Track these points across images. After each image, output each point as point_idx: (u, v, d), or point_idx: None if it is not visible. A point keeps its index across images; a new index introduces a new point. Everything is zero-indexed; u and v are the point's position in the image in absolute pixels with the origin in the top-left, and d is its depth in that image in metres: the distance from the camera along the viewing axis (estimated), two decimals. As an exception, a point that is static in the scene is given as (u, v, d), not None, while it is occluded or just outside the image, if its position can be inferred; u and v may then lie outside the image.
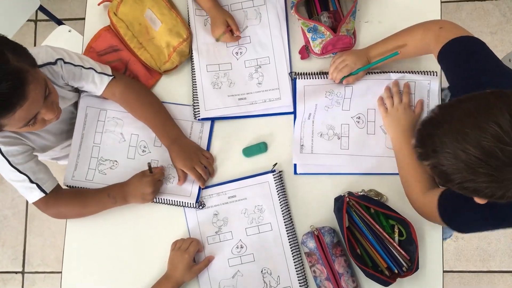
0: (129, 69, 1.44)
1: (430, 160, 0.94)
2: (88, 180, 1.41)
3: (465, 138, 0.86)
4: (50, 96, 1.16)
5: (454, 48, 1.15)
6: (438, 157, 0.90)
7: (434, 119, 0.94)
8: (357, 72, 1.32)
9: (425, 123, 0.97)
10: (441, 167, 0.91)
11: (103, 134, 1.43)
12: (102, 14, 1.49)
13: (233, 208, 1.37)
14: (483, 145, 0.84)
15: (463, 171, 0.87)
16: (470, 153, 0.85)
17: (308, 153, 1.38)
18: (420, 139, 0.96)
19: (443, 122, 0.91)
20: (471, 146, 0.85)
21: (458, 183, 0.90)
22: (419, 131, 0.97)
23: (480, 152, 0.84)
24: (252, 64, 1.43)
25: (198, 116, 1.41)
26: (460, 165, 0.87)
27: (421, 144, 0.96)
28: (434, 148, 0.91)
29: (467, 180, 0.88)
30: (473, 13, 2.35)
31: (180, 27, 1.40)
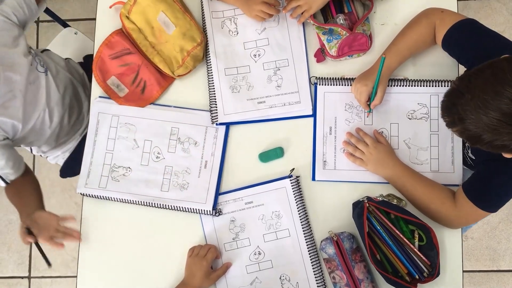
0: (141, 73, 1.41)
1: (457, 126, 1.01)
2: (102, 188, 1.38)
3: (485, 104, 0.94)
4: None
5: (461, 30, 1.24)
6: (464, 123, 0.98)
7: (455, 90, 1.01)
8: (375, 92, 1.30)
9: (448, 94, 1.03)
10: (468, 132, 0.99)
11: (116, 140, 1.40)
12: (114, 16, 1.45)
13: (250, 214, 1.36)
14: (502, 108, 0.93)
15: (488, 132, 0.96)
16: (491, 116, 0.94)
17: (331, 169, 1.36)
18: (446, 109, 1.04)
19: (464, 92, 0.98)
20: (491, 110, 0.94)
21: (486, 142, 0.98)
22: (444, 102, 1.04)
23: (500, 114, 0.93)
24: (271, 67, 1.41)
25: (216, 120, 1.38)
26: (484, 128, 0.96)
27: (447, 113, 1.03)
28: (459, 116, 0.99)
29: (493, 139, 0.97)
30: (480, 11, 2.33)
31: (194, 31, 1.38)
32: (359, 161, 1.34)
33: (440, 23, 1.28)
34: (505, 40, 1.19)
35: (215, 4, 1.45)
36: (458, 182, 1.34)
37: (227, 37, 1.43)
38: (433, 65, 1.38)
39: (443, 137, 1.35)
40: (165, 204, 1.37)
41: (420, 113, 1.36)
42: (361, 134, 1.35)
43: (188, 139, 1.40)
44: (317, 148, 1.37)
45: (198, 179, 1.38)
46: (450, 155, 1.34)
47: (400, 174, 1.31)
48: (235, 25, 1.44)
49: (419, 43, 1.32)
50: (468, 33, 1.23)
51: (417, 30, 1.31)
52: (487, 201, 1.21)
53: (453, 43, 1.26)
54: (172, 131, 1.40)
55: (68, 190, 2.31)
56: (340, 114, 1.38)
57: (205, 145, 1.39)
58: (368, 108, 1.35)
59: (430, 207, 1.28)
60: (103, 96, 1.43)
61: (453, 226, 1.30)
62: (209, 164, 1.38)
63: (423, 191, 1.29)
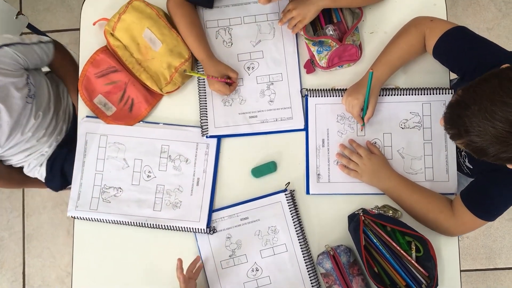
0: (128, 90, 1.38)
1: (463, 139, 0.97)
2: (93, 210, 1.36)
3: (492, 115, 0.91)
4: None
5: (452, 38, 1.22)
6: (470, 135, 0.95)
7: (460, 101, 0.97)
8: (366, 105, 1.28)
9: (452, 106, 1.00)
10: (475, 144, 0.96)
11: (105, 160, 1.38)
12: (98, 33, 1.42)
13: (246, 230, 1.34)
14: (511, 119, 0.90)
15: (496, 145, 0.93)
16: (499, 128, 0.91)
17: (325, 182, 1.34)
18: (450, 121, 1.00)
19: (470, 103, 0.94)
20: (499, 121, 0.90)
21: (493, 155, 0.95)
22: (448, 114, 1.00)
23: (509, 126, 0.90)
24: (264, 81, 1.38)
25: (206, 133, 1.36)
26: (492, 140, 0.92)
27: (452, 125, 0.99)
28: (465, 128, 0.95)
29: (501, 152, 0.93)
30: (469, 8, 2.32)
31: (182, 47, 1.35)
32: (353, 173, 1.32)
33: (430, 32, 1.26)
34: (496, 46, 1.18)
35: (209, 13, 1.42)
36: (454, 190, 1.33)
37: (221, 48, 1.40)
38: (424, 73, 1.37)
39: (436, 146, 1.33)
40: (158, 224, 1.34)
41: (413, 122, 1.35)
42: (355, 146, 1.34)
43: (179, 157, 1.37)
44: (310, 161, 1.36)
45: (190, 197, 1.36)
46: (444, 164, 1.33)
47: (395, 185, 1.30)
48: (230, 36, 1.41)
49: (409, 53, 1.30)
50: (459, 41, 1.22)
51: (407, 40, 1.29)
52: (486, 211, 1.20)
53: (444, 52, 1.25)
54: (163, 148, 1.38)
55: (60, 205, 2.28)
56: (332, 125, 1.36)
57: (196, 162, 1.37)
58: (362, 122, 1.33)
59: (428, 217, 1.27)
60: (90, 115, 1.40)
61: (451, 235, 1.30)
62: (201, 181, 1.36)
63: (420, 201, 1.28)
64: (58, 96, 1.60)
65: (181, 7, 1.34)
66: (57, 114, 1.57)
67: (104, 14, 1.42)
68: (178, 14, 1.34)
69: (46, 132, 1.53)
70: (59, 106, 1.59)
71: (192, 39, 1.34)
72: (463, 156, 1.31)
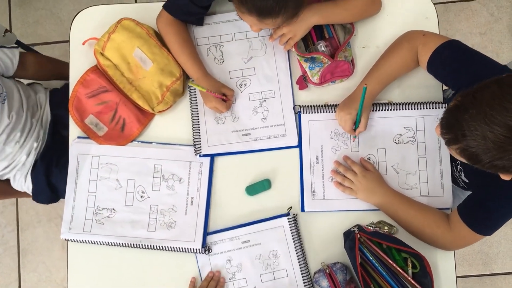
0: (119, 110, 1.36)
1: (459, 144, 0.97)
2: (86, 232, 1.34)
3: (491, 119, 0.90)
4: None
5: (446, 53, 1.21)
6: (467, 140, 0.94)
7: (459, 106, 0.97)
8: (359, 119, 1.28)
9: (450, 110, 0.99)
10: (471, 149, 0.94)
11: (98, 181, 1.36)
12: (88, 52, 1.41)
13: (247, 254, 1.33)
14: (510, 124, 0.89)
15: (493, 150, 0.91)
16: (498, 133, 0.89)
17: (320, 199, 1.34)
18: (447, 125, 0.99)
19: (469, 107, 0.94)
20: (498, 126, 0.89)
21: (488, 162, 0.94)
22: (445, 119, 1.00)
23: (507, 131, 0.89)
24: (257, 98, 1.37)
25: (199, 152, 1.35)
26: (489, 145, 0.91)
27: (449, 130, 0.99)
28: (462, 132, 0.94)
29: (496, 159, 0.92)
30: (461, 14, 2.31)
31: (173, 66, 1.33)
32: (348, 190, 1.32)
33: (423, 47, 1.25)
34: (490, 60, 1.18)
35: (200, 30, 1.40)
36: (449, 205, 1.33)
37: (213, 65, 1.39)
38: (417, 87, 1.36)
39: (431, 161, 1.33)
40: (153, 245, 1.33)
41: (407, 137, 1.34)
42: (349, 163, 1.33)
43: (172, 176, 1.36)
44: (305, 178, 1.35)
45: (185, 216, 1.35)
46: (439, 179, 1.33)
47: (391, 201, 1.29)
48: (221, 53, 1.40)
49: (401, 68, 1.30)
50: (453, 55, 1.21)
51: (399, 55, 1.29)
52: (483, 225, 1.20)
53: (439, 67, 1.24)
54: (156, 168, 1.37)
55: (54, 218, 2.27)
56: (326, 142, 1.36)
57: (190, 181, 1.36)
58: (354, 134, 1.32)
59: (424, 232, 1.27)
60: (81, 136, 1.38)
61: (448, 249, 1.30)
62: (196, 200, 1.35)
63: (417, 216, 1.27)
64: (33, 103, 1.59)
65: (172, 25, 1.32)
66: (32, 117, 1.55)
67: (93, 33, 1.40)
68: (169, 33, 1.32)
69: (22, 135, 1.50)
70: (35, 111, 1.58)
71: (185, 58, 1.32)
72: (459, 170, 1.31)
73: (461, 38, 2.26)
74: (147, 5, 1.44)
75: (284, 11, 1.10)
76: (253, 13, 1.11)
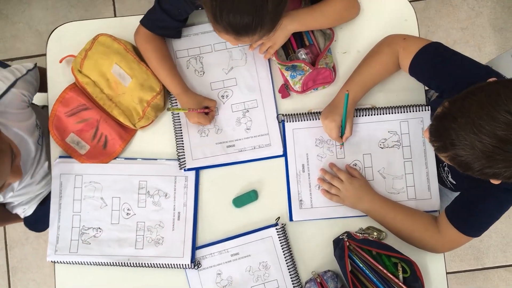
0: (100, 127, 1.34)
1: (448, 152, 0.96)
2: (73, 253, 1.32)
3: (480, 129, 0.89)
4: (15, 160, 1.08)
5: (427, 57, 1.21)
6: (455, 149, 0.93)
7: (447, 114, 0.96)
8: (344, 126, 1.27)
9: (439, 118, 0.98)
10: (460, 158, 0.94)
11: (82, 201, 1.34)
12: (66, 69, 1.38)
13: (237, 266, 1.32)
14: (498, 134, 0.88)
15: (482, 159, 0.91)
16: (487, 142, 0.89)
17: (308, 208, 1.33)
18: (436, 133, 0.98)
19: (457, 116, 0.93)
20: (487, 136, 0.89)
21: (478, 170, 0.94)
22: (434, 126, 0.99)
23: (496, 141, 0.88)
24: (240, 108, 1.36)
25: (184, 166, 1.33)
26: (478, 154, 0.91)
27: (438, 138, 0.98)
28: (451, 141, 0.93)
29: (486, 167, 0.92)
30: (442, 10, 2.31)
31: (152, 81, 1.31)
32: (335, 198, 1.31)
33: (403, 51, 1.25)
34: (471, 61, 1.17)
35: (179, 43, 1.38)
36: (437, 208, 1.32)
37: (193, 77, 1.37)
38: (400, 91, 1.36)
39: (417, 164, 1.33)
40: (141, 263, 1.32)
41: (392, 141, 1.34)
42: (335, 170, 1.32)
43: (157, 192, 1.35)
44: (292, 187, 1.34)
45: (172, 232, 1.33)
46: (425, 181, 1.32)
47: (378, 207, 1.28)
48: (201, 64, 1.38)
49: (382, 72, 1.29)
50: (435, 58, 1.21)
51: (380, 60, 1.28)
52: (471, 227, 1.20)
53: (421, 70, 1.24)
54: (140, 184, 1.35)
55: (43, 235, 2.23)
56: (312, 150, 1.35)
57: (176, 196, 1.34)
58: (341, 141, 1.31)
59: (413, 236, 1.27)
60: (63, 156, 1.36)
61: (438, 252, 1.29)
62: (182, 215, 1.34)
63: (405, 221, 1.27)
64: None
65: (150, 41, 1.30)
66: None
67: (70, 49, 1.37)
68: (147, 49, 1.30)
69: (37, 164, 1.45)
70: None
71: (164, 74, 1.30)
72: (446, 172, 1.30)
73: (443, 34, 2.27)
74: (125, 19, 1.41)
75: (261, 28, 1.08)
76: (229, 32, 1.09)
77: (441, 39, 2.25)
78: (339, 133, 1.29)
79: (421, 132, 1.31)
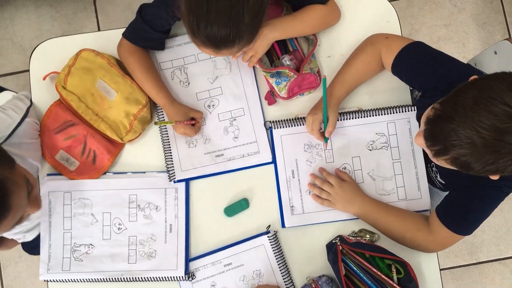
0: (88, 143, 1.33)
1: (449, 154, 0.94)
2: (65, 271, 1.31)
3: (480, 124, 0.87)
4: (32, 191, 1.06)
5: (409, 56, 1.21)
6: (456, 150, 0.91)
7: (441, 115, 0.94)
8: (326, 118, 1.26)
9: (432, 121, 0.96)
10: (463, 158, 0.92)
11: (73, 218, 1.33)
12: (50, 86, 1.37)
13: (231, 277, 1.31)
14: (499, 127, 0.87)
15: (486, 155, 0.89)
16: (489, 137, 0.87)
17: (300, 213, 1.33)
18: (432, 137, 0.96)
19: (453, 115, 0.91)
20: (487, 131, 0.87)
21: (481, 167, 0.92)
22: (428, 130, 0.96)
23: (497, 134, 0.87)
24: (226, 117, 1.36)
25: (173, 178, 1.33)
26: (481, 151, 0.89)
27: (436, 141, 0.95)
28: (451, 142, 0.91)
29: (489, 163, 0.90)
30: (424, 7, 2.33)
31: (138, 93, 1.31)
32: (326, 202, 1.31)
33: (386, 50, 1.26)
34: (453, 60, 1.18)
35: (162, 54, 1.38)
36: (427, 207, 1.33)
37: (179, 88, 1.37)
38: (385, 92, 1.36)
39: (406, 164, 1.33)
40: (135, 277, 1.31)
41: (380, 143, 1.34)
42: (325, 175, 1.32)
43: (148, 205, 1.34)
44: (282, 194, 1.34)
45: (165, 244, 1.32)
46: (415, 181, 1.33)
47: (370, 210, 1.29)
48: (186, 75, 1.37)
49: (365, 72, 1.30)
50: (417, 58, 1.22)
51: (363, 59, 1.29)
52: (462, 226, 1.20)
53: (403, 69, 1.25)
54: (130, 198, 1.34)
55: (36, 251, 2.21)
56: (300, 155, 1.35)
57: (167, 208, 1.34)
58: (323, 138, 1.30)
59: (405, 237, 1.27)
60: (51, 173, 1.35)
61: (430, 252, 1.30)
62: (174, 227, 1.33)
63: (396, 222, 1.27)
64: None
65: (133, 54, 1.30)
66: None
67: (53, 65, 1.36)
68: (131, 62, 1.30)
69: None
70: None
71: (150, 86, 1.30)
72: (434, 172, 1.31)
73: (427, 31, 2.28)
74: (107, 33, 1.41)
75: (239, 41, 1.08)
76: (208, 45, 1.09)
77: (425, 36, 2.26)
78: (319, 127, 1.28)
79: (408, 132, 1.32)
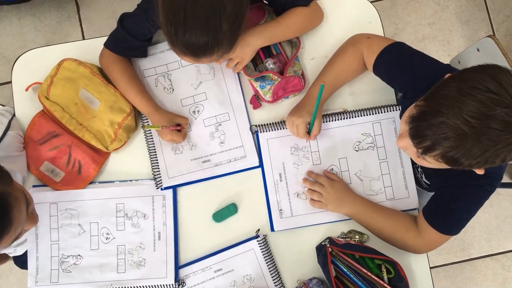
0: (73, 153, 1.32)
1: (438, 150, 0.92)
2: (54, 283, 1.30)
3: (468, 113, 0.86)
4: (30, 206, 1.06)
5: (390, 57, 1.22)
6: (445, 144, 0.90)
7: (426, 111, 0.93)
8: (313, 122, 1.26)
9: (418, 118, 0.94)
10: (451, 152, 0.90)
11: (60, 229, 1.32)
12: (33, 97, 1.36)
13: (221, 282, 1.30)
14: (486, 114, 0.85)
15: (477, 144, 0.88)
16: (478, 125, 0.86)
17: (288, 217, 1.32)
18: (420, 134, 0.94)
19: (439, 109, 0.90)
20: (476, 119, 0.86)
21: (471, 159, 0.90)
22: (415, 128, 0.95)
23: (486, 121, 0.86)
24: (212, 122, 1.35)
25: (161, 185, 1.32)
26: (471, 140, 0.87)
27: (424, 137, 0.93)
28: (440, 135, 0.90)
29: (479, 155, 0.89)
30: (408, 6, 2.34)
31: (122, 102, 1.30)
32: (318, 203, 1.31)
33: (368, 50, 1.26)
34: (434, 60, 1.19)
35: (145, 62, 1.37)
36: (415, 206, 1.33)
37: (163, 95, 1.36)
38: (370, 92, 1.36)
39: (392, 164, 1.33)
40: (124, 287, 1.30)
41: (366, 143, 1.34)
42: (314, 177, 1.32)
43: (136, 213, 1.33)
44: (270, 197, 1.33)
45: (154, 253, 1.31)
46: (402, 181, 1.33)
47: (361, 209, 1.28)
48: (170, 81, 1.37)
49: (348, 72, 1.30)
50: (397, 58, 1.22)
51: (345, 59, 1.29)
52: (449, 226, 1.21)
53: (384, 69, 1.25)
54: (118, 207, 1.33)
55: (26, 264, 2.19)
56: (287, 158, 1.34)
57: (155, 216, 1.33)
58: (309, 138, 1.30)
59: (395, 237, 1.27)
60: (36, 185, 1.34)
61: (420, 252, 1.30)
62: (163, 234, 1.32)
63: (386, 222, 1.27)
64: None
65: (115, 63, 1.29)
66: None
67: (36, 76, 1.36)
68: (113, 71, 1.29)
69: None
70: None
71: (133, 94, 1.29)
72: (420, 172, 1.31)
73: (411, 30, 2.30)
74: (90, 41, 1.40)
75: (218, 48, 1.08)
76: (187, 53, 1.09)
77: (410, 35, 2.27)
78: (306, 129, 1.28)
79: (394, 132, 1.32)
